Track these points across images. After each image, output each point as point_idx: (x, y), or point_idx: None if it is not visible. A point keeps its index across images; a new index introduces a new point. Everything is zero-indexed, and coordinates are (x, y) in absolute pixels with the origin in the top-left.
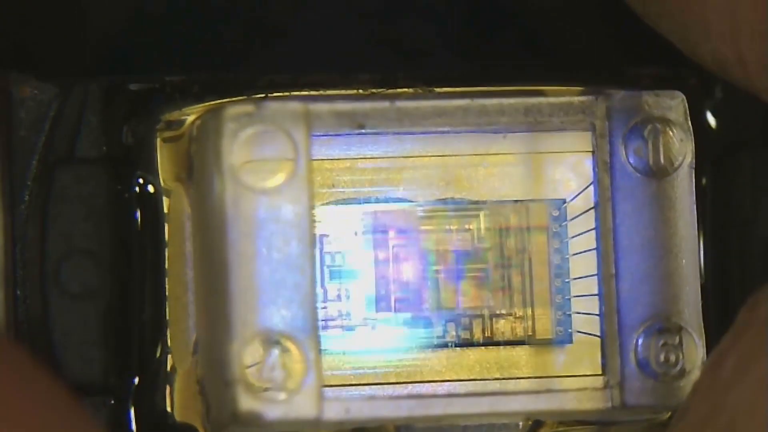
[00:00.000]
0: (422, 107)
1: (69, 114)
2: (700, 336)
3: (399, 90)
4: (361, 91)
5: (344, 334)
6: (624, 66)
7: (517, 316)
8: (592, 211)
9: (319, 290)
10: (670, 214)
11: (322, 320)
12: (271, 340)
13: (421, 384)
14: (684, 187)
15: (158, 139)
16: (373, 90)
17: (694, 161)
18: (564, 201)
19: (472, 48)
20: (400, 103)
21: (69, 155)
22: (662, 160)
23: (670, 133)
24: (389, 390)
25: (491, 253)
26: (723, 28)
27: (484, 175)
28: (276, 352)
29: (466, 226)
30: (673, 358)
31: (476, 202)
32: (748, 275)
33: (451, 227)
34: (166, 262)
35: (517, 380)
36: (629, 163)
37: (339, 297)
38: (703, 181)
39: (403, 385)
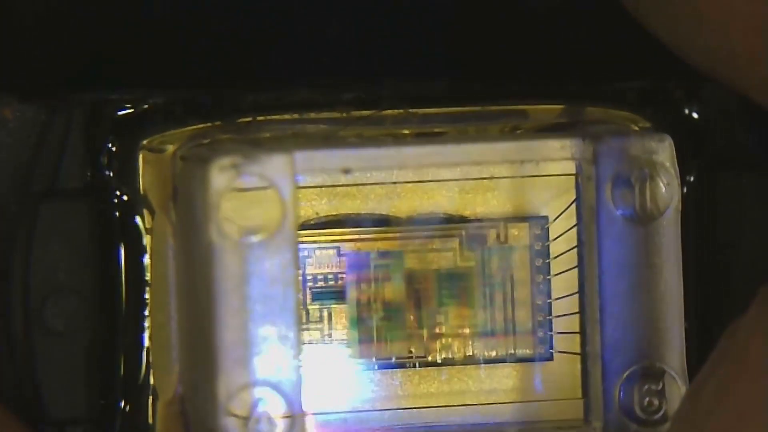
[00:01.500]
0: (407, 154)
1: (52, 139)
2: (683, 380)
3: (384, 112)
4: (347, 128)
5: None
6: (608, 81)
7: (499, 335)
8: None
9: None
10: (656, 258)
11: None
12: (256, 391)
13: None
14: (670, 232)
15: (141, 163)
16: (356, 112)
17: (680, 205)
18: (546, 219)
19: (456, 64)
20: (387, 152)
21: (52, 185)
22: (648, 206)
23: (657, 177)
24: (371, 414)
25: (473, 272)
26: (715, 20)
27: (466, 194)
28: (260, 403)
29: (448, 245)
30: (656, 402)
31: (458, 220)
32: (729, 298)
33: (433, 246)
34: (149, 291)
35: (498, 404)
36: (615, 208)
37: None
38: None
39: (384, 405)
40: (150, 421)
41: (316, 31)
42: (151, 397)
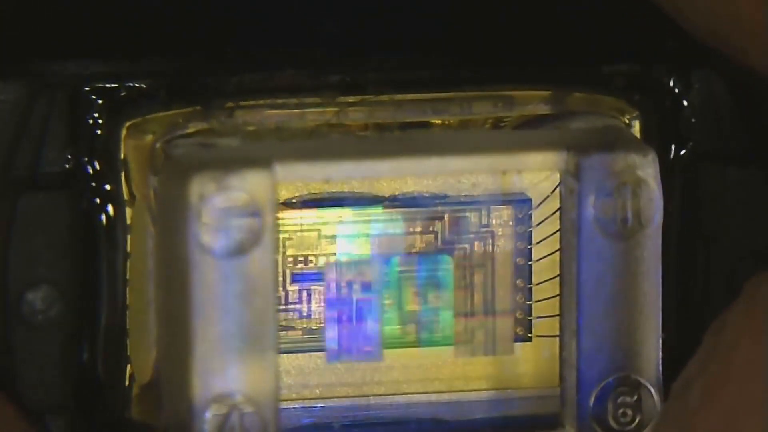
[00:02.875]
0: (389, 167)
1: (32, 122)
2: (658, 390)
3: (368, 97)
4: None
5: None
6: (596, 65)
7: (480, 317)
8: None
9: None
10: (636, 273)
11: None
12: (231, 402)
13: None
14: (651, 247)
15: (123, 148)
16: (342, 98)
17: (662, 220)
18: (530, 201)
19: (441, 47)
20: (367, 165)
21: (32, 171)
22: (630, 221)
23: (640, 193)
24: (346, 401)
25: (455, 254)
26: None
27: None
28: (235, 414)
29: (430, 228)
30: (630, 413)
31: (439, 198)
32: (710, 295)
33: (415, 229)
34: (128, 273)
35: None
36: (597, 223)
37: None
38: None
39: (360, 391)
40: (127, 408)
41: (303, 16)
42: (128, 383)
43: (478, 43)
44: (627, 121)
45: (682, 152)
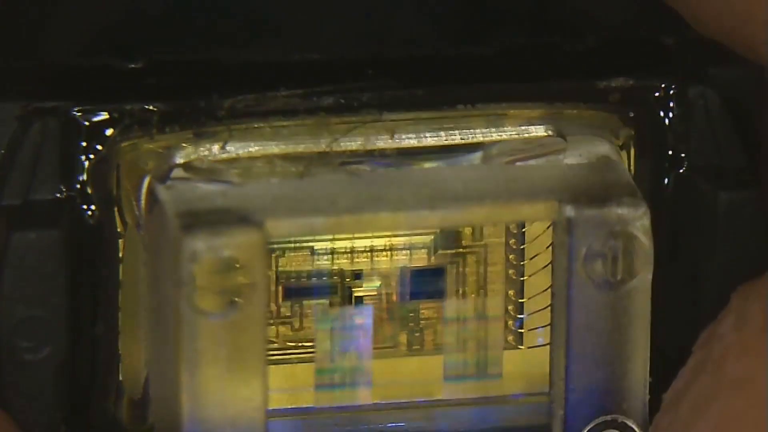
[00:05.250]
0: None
1: (25, 147)
2: (644, 429)
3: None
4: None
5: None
6: (592, 79)
7: (472, 328)
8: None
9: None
10: (625, 323)
11: None
12: None
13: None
14: (641, 298)
15: (115, 176)
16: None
17: (652, 272)
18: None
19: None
20: (360, 219)
21: (24, 198)
22: (621, 274)
23: (631, 246)
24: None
25: (448, 269)
26: None
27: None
28: None
29: (423, 243)
30: None
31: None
32: (698, 307)
33: (409, 242)
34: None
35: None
36: (587, 276)
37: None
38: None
39: (347, 397)
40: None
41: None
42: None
43: (470, 60)
44: (620, 145)
45: (676, 168)
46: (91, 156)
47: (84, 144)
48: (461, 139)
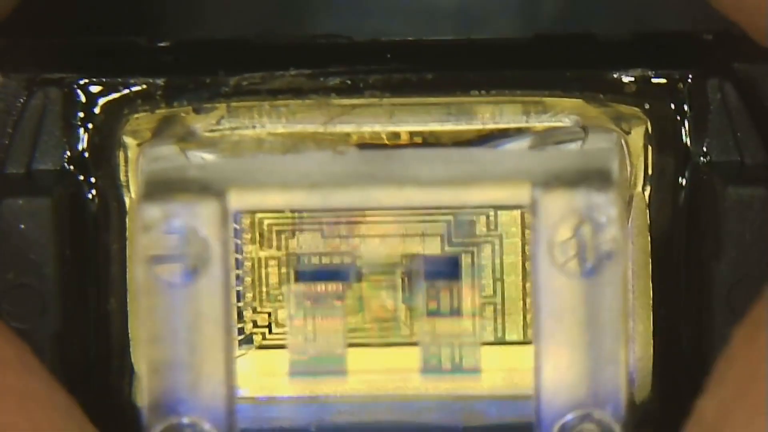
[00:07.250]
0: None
1: (29, 118)
2: (622, 427)
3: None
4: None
5: None
6: (607, 71)
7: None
8: None
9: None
10: (599, 310)
11: None
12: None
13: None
14: (613, 284)
15: (117, 148)
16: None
17: (625, 257)
18: None
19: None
20: (327, 195)
21: (27, 168)
22: (593, 260)
23: (603, 231)
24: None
25: (461, 258)
26: None
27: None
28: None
29: (437, 231)
30: None
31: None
32: (705, 314)
33: (422, 232)
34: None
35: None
36: (559, 262)
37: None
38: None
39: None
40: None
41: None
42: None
43: (482, 47)
44: (634, 136)
45: (691, 161)
46: (90, 126)
47: (82, 114)
48: (473, 124)
